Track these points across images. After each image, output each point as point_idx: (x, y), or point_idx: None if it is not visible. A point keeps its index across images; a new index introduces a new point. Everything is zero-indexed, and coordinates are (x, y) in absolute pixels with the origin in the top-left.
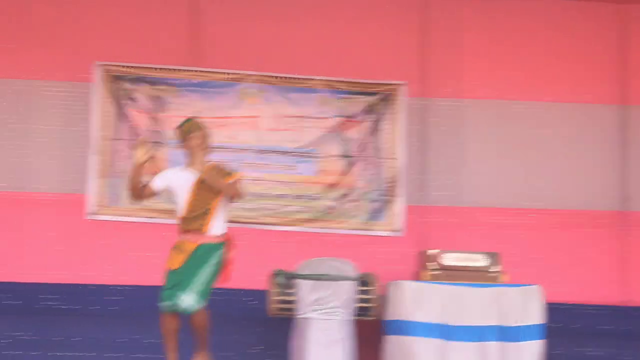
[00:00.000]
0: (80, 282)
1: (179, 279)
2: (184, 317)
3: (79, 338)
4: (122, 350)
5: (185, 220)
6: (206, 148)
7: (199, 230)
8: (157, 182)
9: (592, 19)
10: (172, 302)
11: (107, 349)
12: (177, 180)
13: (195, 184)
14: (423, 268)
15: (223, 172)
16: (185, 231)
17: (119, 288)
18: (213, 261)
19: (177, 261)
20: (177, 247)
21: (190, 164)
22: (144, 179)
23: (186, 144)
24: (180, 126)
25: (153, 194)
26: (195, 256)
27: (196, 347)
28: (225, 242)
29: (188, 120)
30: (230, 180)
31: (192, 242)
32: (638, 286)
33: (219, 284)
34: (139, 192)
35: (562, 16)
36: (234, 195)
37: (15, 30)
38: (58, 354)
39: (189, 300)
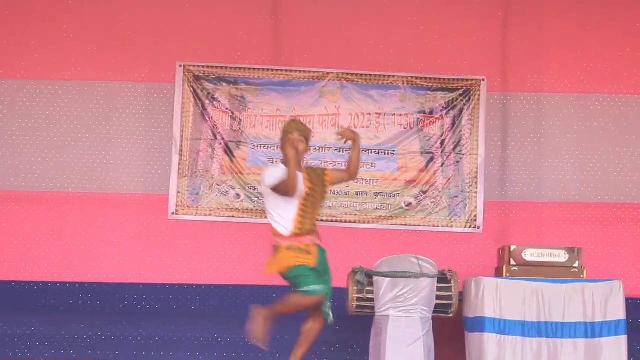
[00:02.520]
0: (163, 282)
1: (327, 281)
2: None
3: (161, 338)
4: (204, 349)
5: (306, 221)
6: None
7: (316, 233)
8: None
9: None
10: (326, 307)
11: (187, 348)
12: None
13: (312, 184)
14: (503, 264)
15: (319, 171)
16: (303, 233)
17: (203, 287)
18: None
19: (313, 261)
20: (299, 249)
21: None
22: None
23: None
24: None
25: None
26: (323, 261)
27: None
28: None
29: (292, 120)
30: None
31: (315, 245)
32: None
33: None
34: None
35: None
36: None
37: (96, 33)
38: (143, 353)
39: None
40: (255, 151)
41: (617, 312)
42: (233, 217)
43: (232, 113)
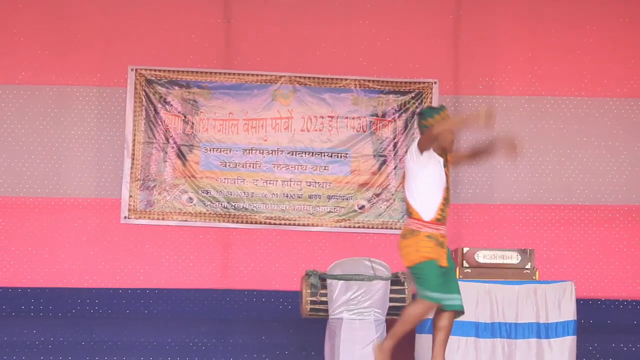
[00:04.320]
0: (116, 287)
1: (452, 278)
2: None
3: (114, 342)
4: (157, 354)
5: (446, 209)
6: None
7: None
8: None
9: (627, 11)
10: (457, 302)
11: (142, 352)
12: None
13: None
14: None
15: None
16: (442, 222)
17: (155, 291)
18: None
19: (445, 258)
20: (437, 241)
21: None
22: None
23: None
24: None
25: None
26: (449, 254)
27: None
28: None
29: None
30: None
31: (446, 236)
32: None
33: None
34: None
35: (596, 9)
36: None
37: (47, 37)
38: (96, 358)
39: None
40: (208, 155)
41: (569, 313)
42: (186, 221)
43: (185, 117)
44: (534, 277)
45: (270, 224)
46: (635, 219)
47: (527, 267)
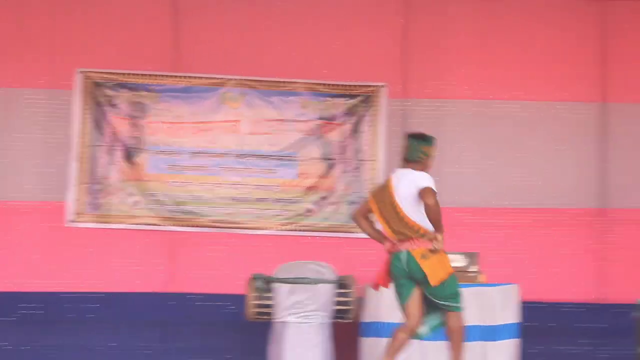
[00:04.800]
0: (61, 290)
1: None
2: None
3: (59, 347)
4: (105, 358)
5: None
6: None
7: None
8: None
9: (573, 16)
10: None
11: (88, 356)
12: None
13: None
14: None
15: None
16: None
17: (101, 295)
18: None
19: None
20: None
21: None
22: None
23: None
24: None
25: None
26: None
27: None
28: None
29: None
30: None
31: None
32: (614, 284)
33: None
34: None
35: (543, 14)
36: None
37: None
38: None
39: None
40: (155, 158)
41: (512, 315)
42: (132, 224)
43: (132, 120)
44: (478, 280)
45: (217, 227)
46: (580, 223)
47: (472, 270)
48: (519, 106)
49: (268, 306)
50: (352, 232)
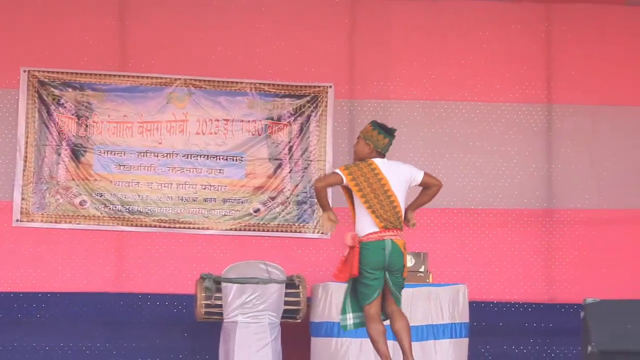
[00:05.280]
0: (7, 290)
1: None
2: None
3: (5, 347)
4: (48, 358)
5: None
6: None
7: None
8: None
9: (519, 19)
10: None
11: (33, 357)
12: None
13: None
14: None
15: None
16: None
17: (48, 295)
18: None
19: None
20: None
21: None
22: None
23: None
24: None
25: None
26: None
27: None
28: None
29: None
30: None
31: None
32: (562, 284)
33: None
34: None
35: (489, 16)
36: None
37: None
38: None
39: None
40: (102, 157)
41: (461, 315)
42: (79, 223)
43: (78, 119)
44: (427, 280)
45: (164, 227)
46: (527, 223)
47: (420, 270)
48: (465, 107)
49: (217, 306)
50: (301, 232)
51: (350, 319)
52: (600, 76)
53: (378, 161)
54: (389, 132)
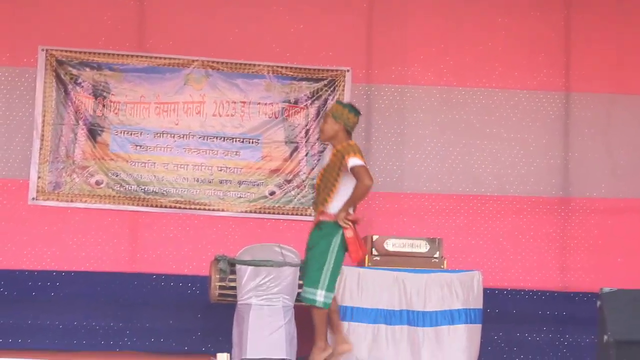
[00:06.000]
0: (22, 268)
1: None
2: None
3: (19, 324)
4: (65, 336)
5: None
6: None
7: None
8: None
9: (538, 5)
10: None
11: (48, 334)
12: None
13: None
14: (365, 254)
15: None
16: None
17: (62, 273)
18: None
19: None
20: None
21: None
22: None
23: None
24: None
25: None
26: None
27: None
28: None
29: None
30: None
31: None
32: (577, 272)
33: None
34: None
35: (508, 3)
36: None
37: None
38: (0, 340)
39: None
40: (119, 137)
41: (475, 301)
42: (94, 203)
43: (96, 98)
44: (442, 266)
45: (180, 208)
46: (542, 211)
47: (435, 256)
48: (482, 94)
49: (231, 288)
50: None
51: (321, 296)
52: (618, 64)
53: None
54: (357, 112)
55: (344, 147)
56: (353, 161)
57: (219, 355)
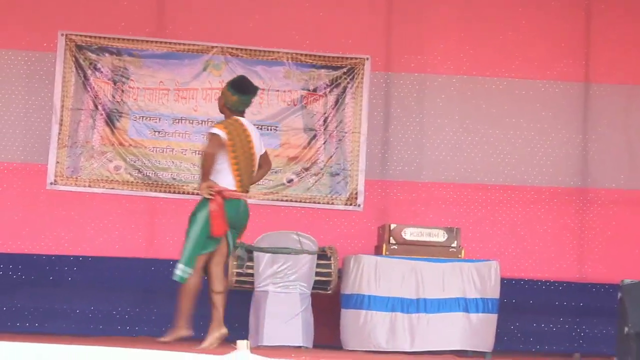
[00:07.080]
0: (40, 252)
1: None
2: None
3: (36, 309)
4: (82, 321)
5: None
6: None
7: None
8: None
9: None
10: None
11: (65, 319)
12: None
13: None
14: (383, 242)
15: None
16: None
17: (80, 258)
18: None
19: None
20: None
21: None
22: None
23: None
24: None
25: None
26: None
27: None
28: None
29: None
30: None
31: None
32: (594, 263)
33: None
34: None
35: None
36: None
37: None
38: (17, 324)
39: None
40: (137, 123)
41: (492, 291)
42: (113, 188)
43: (115, 84)
44: (459, 256)
45: (197, 194)
46: (560, 201)
47: (453, 245)
48: (502, 83)
49: (248, 275)
50: (334, 204)
51: (179, 269)
52: (639, 56)
53: (244, 121)
54: (239, 90)
55: (219, 122)
56: (210, 130)
57: (239, 342)
